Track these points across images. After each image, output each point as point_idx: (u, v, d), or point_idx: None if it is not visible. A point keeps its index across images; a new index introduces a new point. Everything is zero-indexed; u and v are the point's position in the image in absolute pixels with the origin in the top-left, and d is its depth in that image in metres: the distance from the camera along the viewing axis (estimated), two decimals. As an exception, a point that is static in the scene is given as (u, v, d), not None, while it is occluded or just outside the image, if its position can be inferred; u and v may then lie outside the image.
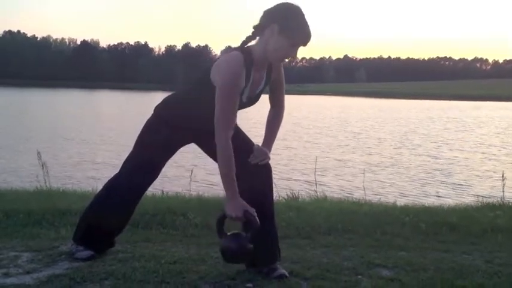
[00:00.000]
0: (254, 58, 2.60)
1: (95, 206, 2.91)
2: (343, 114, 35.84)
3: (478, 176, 12.42)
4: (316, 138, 19.95)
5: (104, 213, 2.85)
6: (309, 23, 2.57)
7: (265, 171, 2.77)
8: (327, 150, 16.37)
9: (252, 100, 2.73)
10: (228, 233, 2.58)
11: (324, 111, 37.63)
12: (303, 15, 2.57)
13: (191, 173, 7.04)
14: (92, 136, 19.05)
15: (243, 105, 2.69)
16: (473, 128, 26.21)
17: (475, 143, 19.32)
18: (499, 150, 17.44)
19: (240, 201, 2.55)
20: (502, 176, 6.84)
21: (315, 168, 8.15)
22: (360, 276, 2.78)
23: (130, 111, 33.38)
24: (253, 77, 2.64)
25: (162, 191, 5.65)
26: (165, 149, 2.81)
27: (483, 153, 16.69)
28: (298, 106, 39.29)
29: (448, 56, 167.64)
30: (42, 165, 6.59)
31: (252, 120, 18.40)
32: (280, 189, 6.32)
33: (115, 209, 2.85)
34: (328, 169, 12.49)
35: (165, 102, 2.84)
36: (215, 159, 2.85)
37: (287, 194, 6.13)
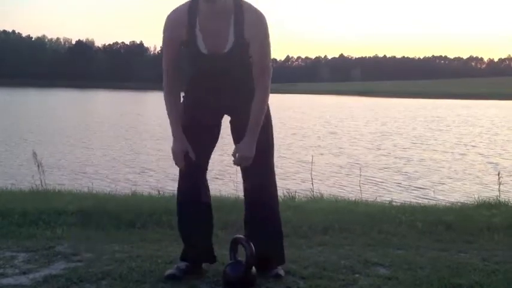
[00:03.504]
0: (199, 4, 2.45)
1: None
2: (330, 113, 35.55)
3: (448, 177, 12.31)
4: (301, 139, 19.73)
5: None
6: None
7: (265, 170, 2.69)
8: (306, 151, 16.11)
9: (222, 57, 2.49)
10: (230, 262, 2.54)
11: (312, 112, 37.34)
12: None
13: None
14: (87, 136, 18.99)
15: (213, 61, 2.51)
16: (453, 128, 26.07)
17: (454, 143, 19.14)
18: (468, 149, 17.39)
19: (182, 142, 2.58)
20: (498, 175, 6.83)
21: (311, 168, 8.14)
22: (357, 275, 2.78)
23: (126, 111, 33.27)
24: (204, 25, 2.47)
25: (159, 191, 5.64)
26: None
27: (455, 152, 16.58)
28: (289, 106, 39.13)
29: (443, 55, 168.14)
30: (38, 166, 6.57)
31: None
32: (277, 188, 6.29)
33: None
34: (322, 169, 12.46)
35: None
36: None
37: (284, 193, 6.12)
